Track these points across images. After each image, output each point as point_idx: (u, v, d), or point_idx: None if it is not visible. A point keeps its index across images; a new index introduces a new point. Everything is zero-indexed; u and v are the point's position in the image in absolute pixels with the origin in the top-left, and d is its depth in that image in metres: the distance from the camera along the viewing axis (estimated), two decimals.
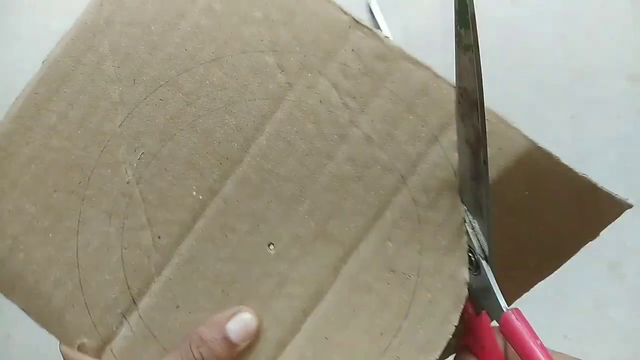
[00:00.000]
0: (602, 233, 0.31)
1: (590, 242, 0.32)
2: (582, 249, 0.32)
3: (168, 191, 0.31)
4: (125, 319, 0.31)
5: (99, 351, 0.31)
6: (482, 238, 0.29)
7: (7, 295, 0.32)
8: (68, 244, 0.31)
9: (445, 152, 0.29)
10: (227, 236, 0.31)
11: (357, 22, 0.30)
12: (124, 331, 0.31)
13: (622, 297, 0.65)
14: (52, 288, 0.31)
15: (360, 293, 0.30)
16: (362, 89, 0.30)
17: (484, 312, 0.30)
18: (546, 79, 0.68)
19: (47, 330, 0.32)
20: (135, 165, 0.31)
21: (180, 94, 0.31)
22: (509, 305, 0.28)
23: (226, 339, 0.29)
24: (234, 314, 0.30)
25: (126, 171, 0.31)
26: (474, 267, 0.30)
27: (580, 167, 0.29)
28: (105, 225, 0.31)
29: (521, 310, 0.28)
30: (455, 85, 0.28)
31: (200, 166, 0.31)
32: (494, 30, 0.68)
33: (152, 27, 0.31)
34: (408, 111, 0.29)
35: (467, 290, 0.29)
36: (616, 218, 0.31)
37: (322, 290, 0.30)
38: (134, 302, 0.31)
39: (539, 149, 0.29)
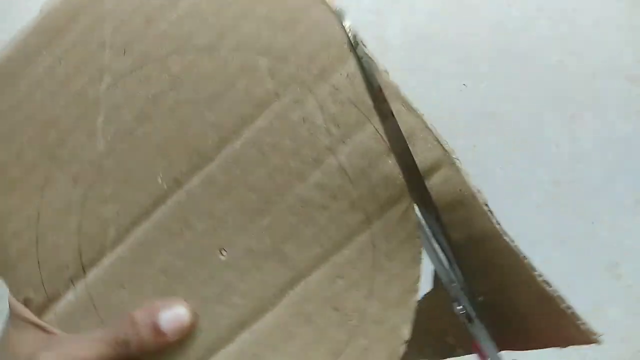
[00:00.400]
0: (599, 232, 0.30)
1: (587, 242, 0.30)
2: (580, 249, 0.30)
3: (135, 171, 0.30)
4: (73, 284, 0.31)
5: (42, 308, 0.32)
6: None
7: None
8: (32, 198, 0.31)
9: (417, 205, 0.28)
10: (182, 231, 0.30)
11: (360, 47, 0.27)
12: (70, 296, 0.31)
13: (620, 297, 0.65)
14: (10, 238, 0.32)
15: (300, 322, 0.30)
16: (348, 119, 0.28)
17: None
18: (546, 79, 0.67)
19: (1, 278, 0.32)
20: (109, 138, 0.30)
21: (166, 75, 0.30)
22: None
23: (155, 327, 0.29)
24: (170, 305, 0.30)
25: (100, 141, 0.31)
26: (466, 317, 0.29)
27: (580, 167, 0.28)
28: (70, 189, 0.31)
29: None
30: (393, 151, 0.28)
31: (170, 155, 0.30)
32: (494, 31, 0.67)
33: None
34: (388, 154, 0.28)
35: (404, 348, 0.28)
36: (584, 343, 0.29)
37: (264, 309, 0.30)
38: (84, 270, 0.31)
39: (503, 241, 0.27)
